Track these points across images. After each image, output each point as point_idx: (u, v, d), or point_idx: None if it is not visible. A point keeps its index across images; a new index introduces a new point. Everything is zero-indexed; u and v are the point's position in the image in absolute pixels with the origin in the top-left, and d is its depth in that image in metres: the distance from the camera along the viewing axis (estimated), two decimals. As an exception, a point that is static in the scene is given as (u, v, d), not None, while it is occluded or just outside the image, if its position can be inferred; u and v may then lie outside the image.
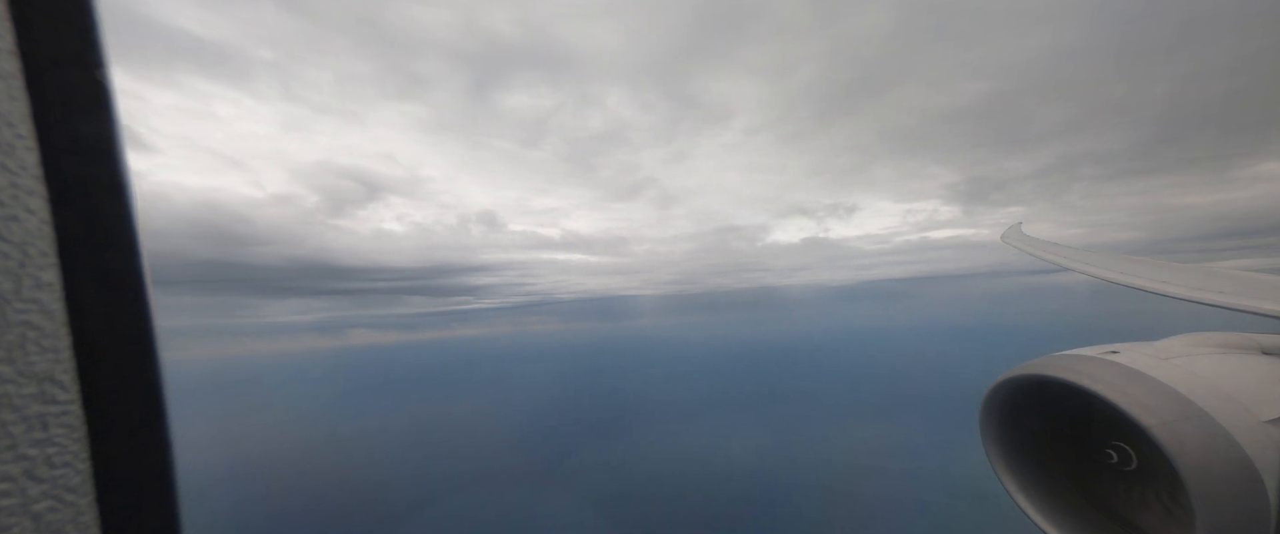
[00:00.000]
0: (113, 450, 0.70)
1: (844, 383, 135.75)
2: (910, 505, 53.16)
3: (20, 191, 0.70)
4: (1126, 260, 6.89)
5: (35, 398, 0.70)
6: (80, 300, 0.70)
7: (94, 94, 0.70)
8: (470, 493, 64.32)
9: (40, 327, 0.70)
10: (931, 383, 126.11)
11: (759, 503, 55.48)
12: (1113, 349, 3.18)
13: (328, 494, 68.21)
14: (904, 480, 58.84)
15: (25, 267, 0.70)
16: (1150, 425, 2.41)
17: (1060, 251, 8.14)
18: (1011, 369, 3.28)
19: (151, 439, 0.70)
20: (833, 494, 56.60)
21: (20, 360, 0.70)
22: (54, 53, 0.70)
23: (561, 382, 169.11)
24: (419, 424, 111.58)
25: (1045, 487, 3.42)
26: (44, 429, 0.70)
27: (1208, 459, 2.27)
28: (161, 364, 0.70)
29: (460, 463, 77.28)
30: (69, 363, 0.70)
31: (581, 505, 57.79)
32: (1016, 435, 3.54)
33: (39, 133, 0.70)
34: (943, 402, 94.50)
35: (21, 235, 0.70)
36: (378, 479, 71.24)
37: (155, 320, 0.70)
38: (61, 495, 0.70)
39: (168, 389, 0.70)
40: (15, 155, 0.70)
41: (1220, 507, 2.21)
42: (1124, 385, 2.67)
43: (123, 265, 0.70)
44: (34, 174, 0.70)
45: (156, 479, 0.70)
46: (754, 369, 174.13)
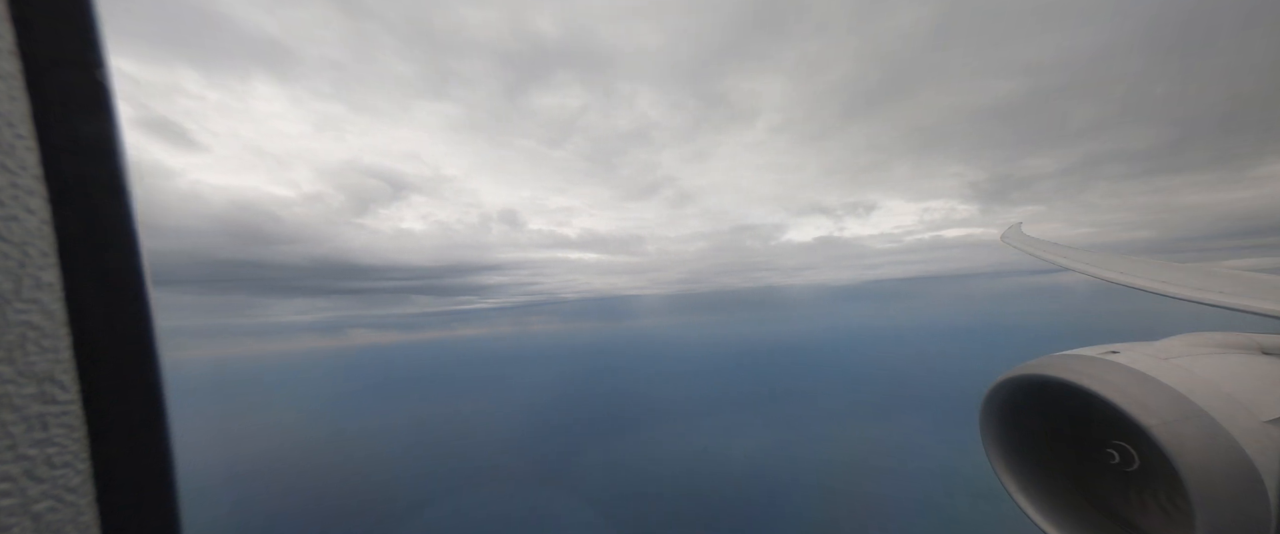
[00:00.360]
0: (113, 450, 0.70)
1: (844, 382, 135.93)
2: (911, 503, 53.30)
3: (20, 191, 0.70)
4: (1126, 260, 6.88)
5: (35, 398, 0.70)
6: (80, 300, 0.70)
7: (94, 94, 0.70)
8: (469, 493, 64.52)
9: (40, 327, 0.70)
10: (932, 382, 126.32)
11: (760, 502, 55.54)
12: (1113, 349, 3.18)
13: (327, 494, 68.36)
14: (905, 479, 58.98)
15: (25, 266, 0.70)
16: (1150, 425, 2.41)
17: (1060, 251, 8.13)
18: (1011, 369, 3.28)
19: (151, 439, 0.70)
20: (834, 494, 56.73)
21: (20, 360, 0.70)
22: (54, 53, 0.70)
23: (559, 382, 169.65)
24: (418, 424, 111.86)
25: (1045, 487, 3.42)
26: (44, 429, 0.70)
27: (1208, 459, 2.27)
28: (161, 364, 0.70)
29: (459, 462, 77.63)
30: (69, 363, 0.70)
31: (581, 505, 57.92)
32: (1016, 435, 3.53)
33: (39, 133, 0.70)
34: (942, 401, 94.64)
35: (21, 235, 0.70)
36: (376, 479, 71.55)
37: (155, 320, 0.70)
38: (61, 495, 0.70)
39: (168, 389, 0.71)
40: (15, 155, 0.70)
41: (1220, 507, 2.21)
42: (1124, 385, 2.67)
43: (123, 265, 0.70)
44: (34, 174, 0.70)
45: (156, 479, 0.70)
46: (754, 369, 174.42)
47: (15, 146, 0.70)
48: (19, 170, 0.70)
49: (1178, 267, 5.77)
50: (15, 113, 0.70)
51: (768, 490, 58.76)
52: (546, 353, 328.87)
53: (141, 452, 0.70)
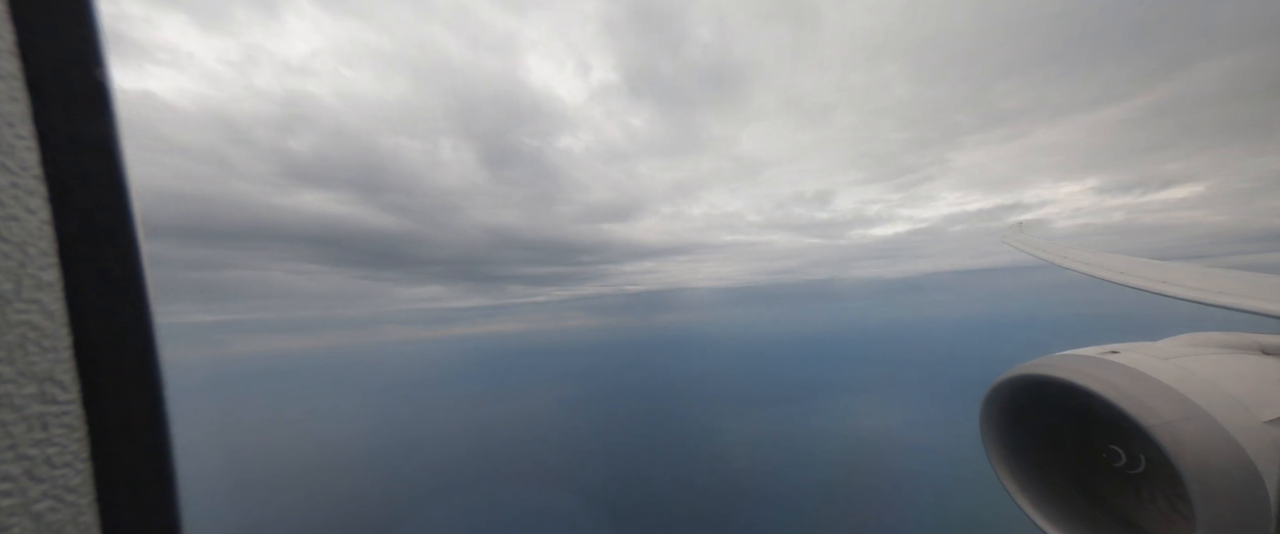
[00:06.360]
0: (113, 450, 0.70)
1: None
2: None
3: (20, 191, 0.70)
4: (1127, 260, 6.87)
5: (35, 398, 0.70)
6: (80, 300, 0.70)
7: (94, 94, 0.70)
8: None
9: (41, 327, 0.70)
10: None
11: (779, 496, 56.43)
12: (1113, 349, 3.17)
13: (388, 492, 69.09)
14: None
15: (25, 266, 0.70)
16: (1150, 425, 2.41)
17: (1061, 251, 8.12)
18: (1011, 369, 3.28)
19: (151, 439, 0.71)
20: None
21: (20, 360, 0.70)
22: (54, 53, 0.70)
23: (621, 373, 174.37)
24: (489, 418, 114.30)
25: (1045, 487, 3.42)
26: (44, 429, 0.70)
27: (1208, 459, 2.27)
28: (161, 364, 0.71)
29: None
30: (69, 363, 0.70)
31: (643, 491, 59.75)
32: (1017, 436, 3.53)
33: (39, 133, 0.70)
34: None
35: (21, 235, 0.70)
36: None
37: (155, 320, 0.71)
38: (61, 495, 0.70)
39: (168, 389, 0.71)
40: (15, 155, 0.70)
41: (1220, 507, 2.21)
42: (1124, 385, 2.66)
43: (123, 265, 0.70)
44: (34, 174, 0.70)
45: (156, 479, 0.71)
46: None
47: (15, 146, 0.70)
48: (19, 170, 0.70)
49: (1177, 266, 5.76)
50: (15, 113, 0.70)
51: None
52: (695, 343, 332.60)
53: (141, 452, 0.71)
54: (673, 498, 57.80)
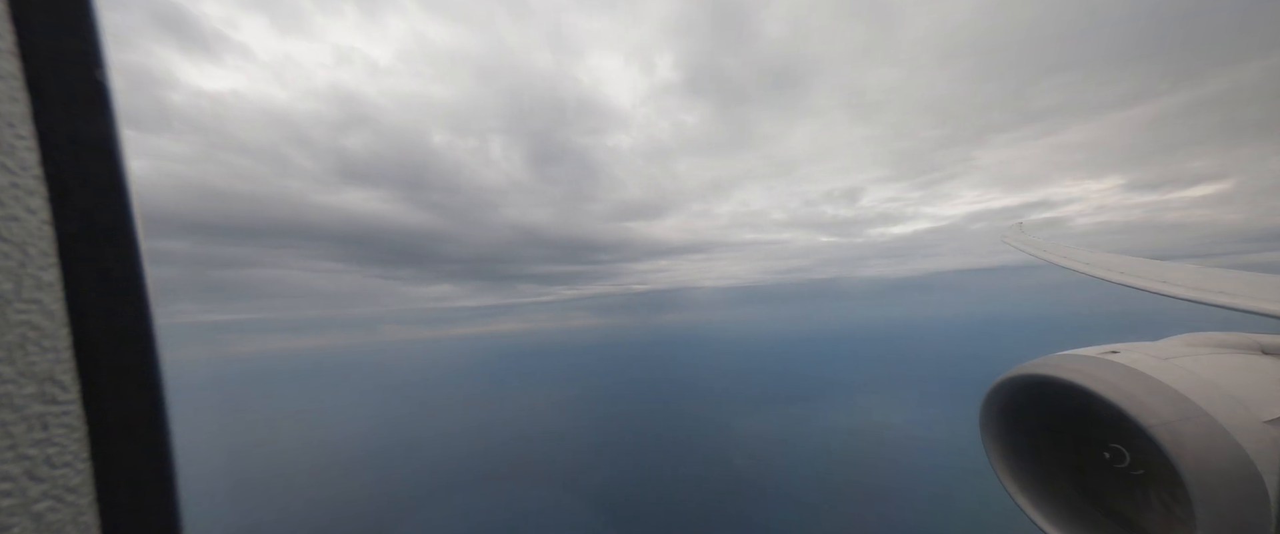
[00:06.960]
0: (113, 450, 0.71)
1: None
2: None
3: (20, 192, 0.70)
4: (1126, 260, 6.87)
5: (35, 398, 0.70)
6: (80, 300, 0.70)
7: (94, 94, 0.70)
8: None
9: (41, 327, 0.70)
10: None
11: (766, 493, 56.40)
12: (1113, 349, 3.17)
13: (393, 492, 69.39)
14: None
15: (25, 266, 0.70)
16: (1150, 425, 2.41)
17: (1061, 251, 8.12)
18: (1011, 369, 3.28)
19: (151, 439, 0.71)
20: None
21: (20, 360, 0.70)
22: (54, 53, 0.70)
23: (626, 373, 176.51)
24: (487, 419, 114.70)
25: (1045, 487, 3.42)
26: (44, 429, 0.70)
27: (1208, 459, 2.27)
28: (161, 364, 0.71)
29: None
30: (69, 363, 0.70)
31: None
32: (1016, 436, 3.53)
33: (39, 133, 0.70)
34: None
35: (21, 235, 0.70)
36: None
37: (155, 320, 0.71)
38: (61, 495, 0.70)
39: (168, 389, 0.71)
40: (15, 155, 0.70)
41: (1220, 507, 2.21)
42: (1124, 385, 2.67)
43: (123, 265, 0.70)
44: (34, 174, 0.70)
45: (157, 479, 0.71)
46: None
47: (15, 146, 0.70)
48: (19, 170, 0.70)
49: (1177, 266, 5.76)
50: (15, 113, 0.70)
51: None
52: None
53: (141, 452, 0.71)
54: (674, 496, 58.09)
